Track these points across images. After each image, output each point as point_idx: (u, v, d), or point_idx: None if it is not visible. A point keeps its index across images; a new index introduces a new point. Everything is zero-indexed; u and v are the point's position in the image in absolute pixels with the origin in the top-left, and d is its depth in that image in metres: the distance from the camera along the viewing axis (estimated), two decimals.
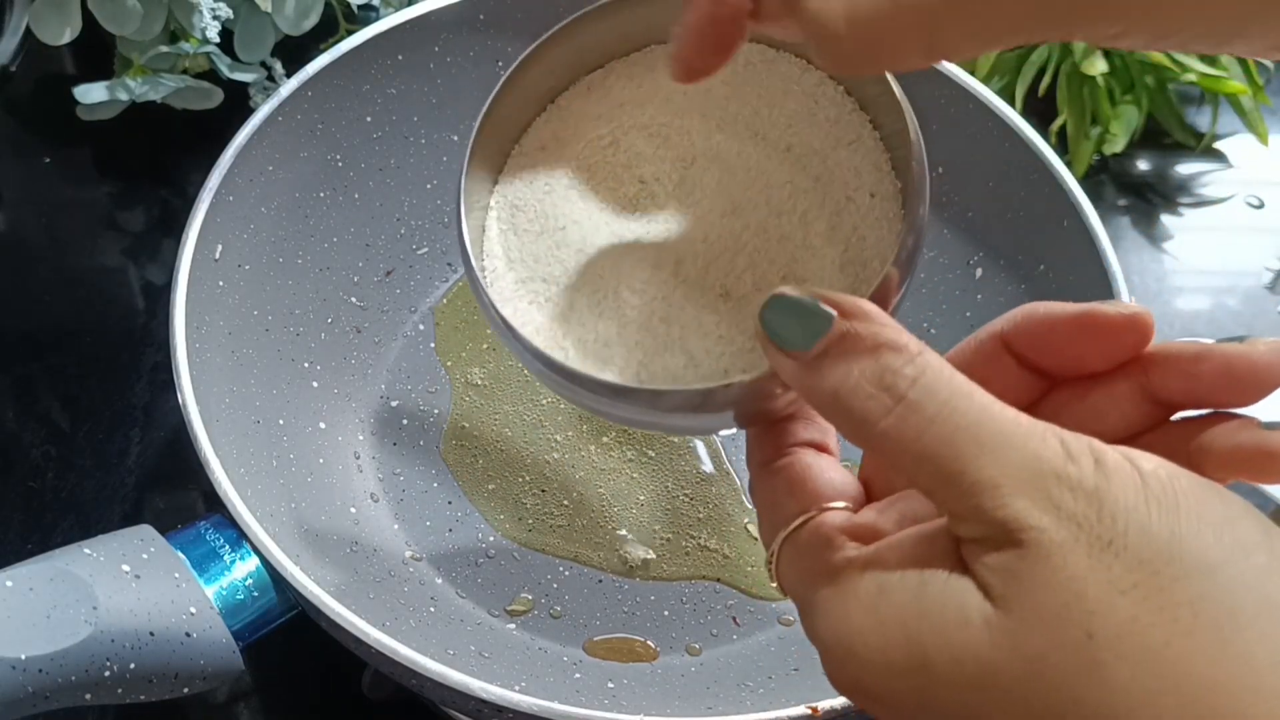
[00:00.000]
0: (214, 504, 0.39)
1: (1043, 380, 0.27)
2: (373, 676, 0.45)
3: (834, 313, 0.23)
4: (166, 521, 0.39)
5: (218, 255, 0.44)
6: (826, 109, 0.30)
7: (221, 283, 0.45)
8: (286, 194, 0.48)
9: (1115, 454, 0.21)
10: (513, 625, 0.45)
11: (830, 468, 0.27)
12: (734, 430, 0.29)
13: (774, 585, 0.26)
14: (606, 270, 0.29)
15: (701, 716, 0.41)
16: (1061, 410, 0.25)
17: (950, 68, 0.50)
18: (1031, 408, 0.22)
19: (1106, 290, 0.44)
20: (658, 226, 0.30)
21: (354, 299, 0.52)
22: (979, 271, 0.50)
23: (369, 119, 0.51)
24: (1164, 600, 0.20)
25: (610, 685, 0.44)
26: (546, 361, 0.28)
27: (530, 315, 0.29)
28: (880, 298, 0.26)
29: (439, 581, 0.47)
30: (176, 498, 0.51)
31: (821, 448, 0.27)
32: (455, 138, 0.54)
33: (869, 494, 0.27)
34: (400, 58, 0.51)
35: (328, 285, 0.51)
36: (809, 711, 0.34)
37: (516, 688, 0.35)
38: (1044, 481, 0.21)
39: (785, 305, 0.24)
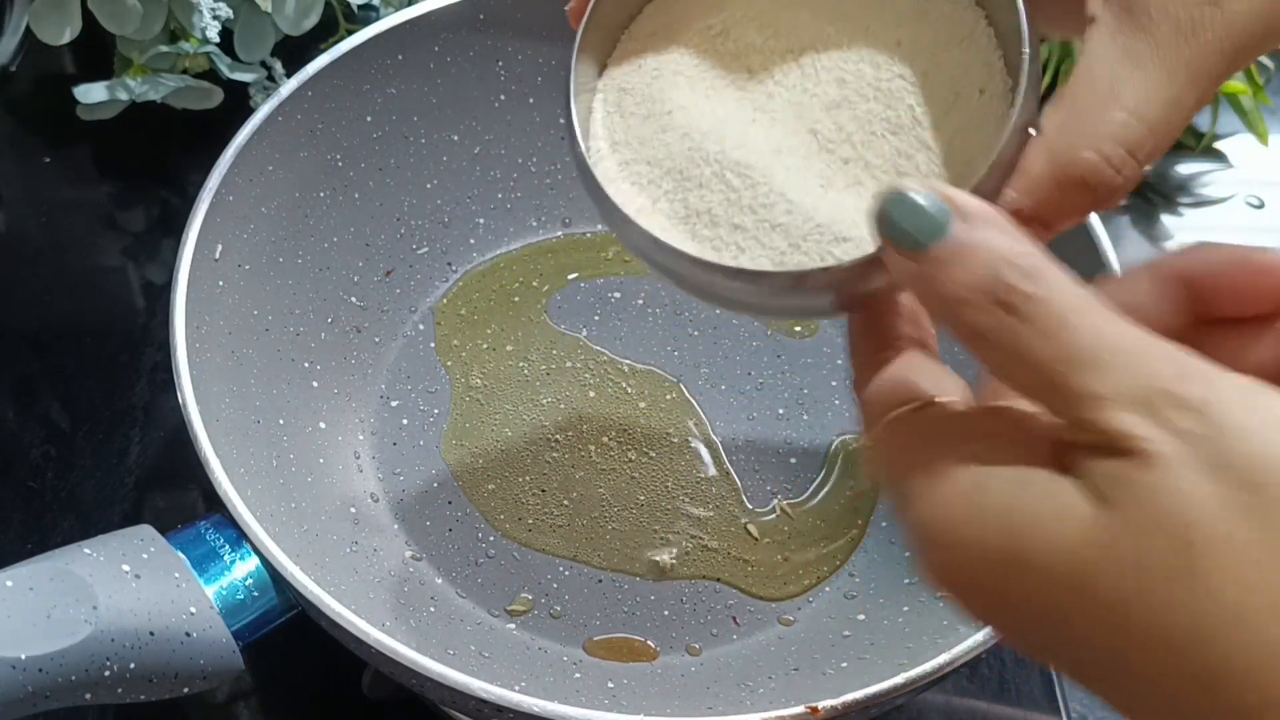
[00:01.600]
0: (214, 504, 0.39)
1: (1189, 318, 0.27)
2: (373, 676, 0.44)
3: (951, 213, 0.23)
4: (167, 521, 0.39)
5: (218, 255, 0.44)
6: (940, 5, 0.30)
7: (221, 283, 0.45)
8: (286, 194, 0.48)
9: (1229, 377, 0.21)
10: (513, 625, 0.45)
11: (937, 366, 0.27)
12: (835, 316, 0.29)
13: (865, 475, 0.27)
14: (711, 155, 0.30)
15: (701, 717, 0.41)
16: (1199, 349, 0.26)
17: None
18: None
19: None
20: (764, 115, 0.30)
21: (354, 299, 0.52)
22: None
23: (369, 119, 0.51)
24: (1267, 520, 0.20)
25: (610, 685, 0.44)
26: (650, 240, 0.29)
27: (633, 196, 0.30)
28: (984, 195, 0.26)
29: (439, 581, 0.47)
30: (176, 497, 0.51)
31: (924, 345, 0.28)
32: (455, 137, 0.54)
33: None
34: (400, 57, 0.51)
35: (327, 285, 0.51)
36: (809, 711, 0.34)
37: (516, 688, 0.35)
38: (1155, 397, 0.21)
39: (902, 202, 0.24)
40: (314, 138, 0.49)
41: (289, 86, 0.47)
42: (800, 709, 0.34)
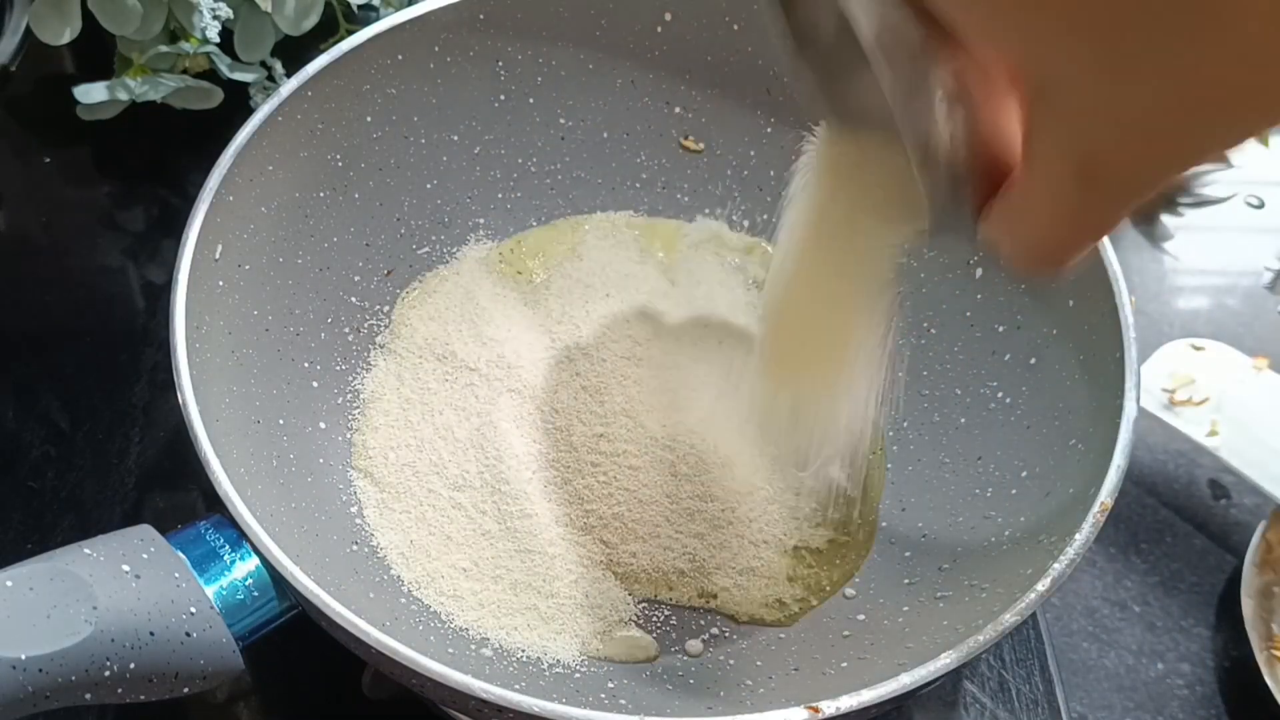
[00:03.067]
0: (214, 504, 0.39)
1: None
2: (373, 676, 0.44)
3: None
4: (167, 521, 0.39)
5: (218, 255, 0.44)
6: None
7: (221, 282, 0.45)
8: (286, 194, 0.48)
9: None
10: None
11: None
12: None
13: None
14: None
15: (701, 717, 0.41)
16: None
17: None
18: None
19: (1107, 290, 0.44)
20: None
21: (354, 299, 0.52)
22: (979, 272, 0.50)
23: (369, 119, 0.51)
24: None
25: (610, 685, 0.44)
26: None
27: None
28: None
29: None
30: (176, 497, 0.51)
31: None
32: (455, 137, 0.54)
33: None
34: (400, 58, 0.51)
35: (328, 285, 0.51)
36: (810, 712, 0.34)
37: (516, 687, 0.35)
38: None
39: None
40: (314, 138, 0.49)
41: (289, 87, 0.47)
42: (800, 710, 0.34)
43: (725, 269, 0.56)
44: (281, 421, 0.46)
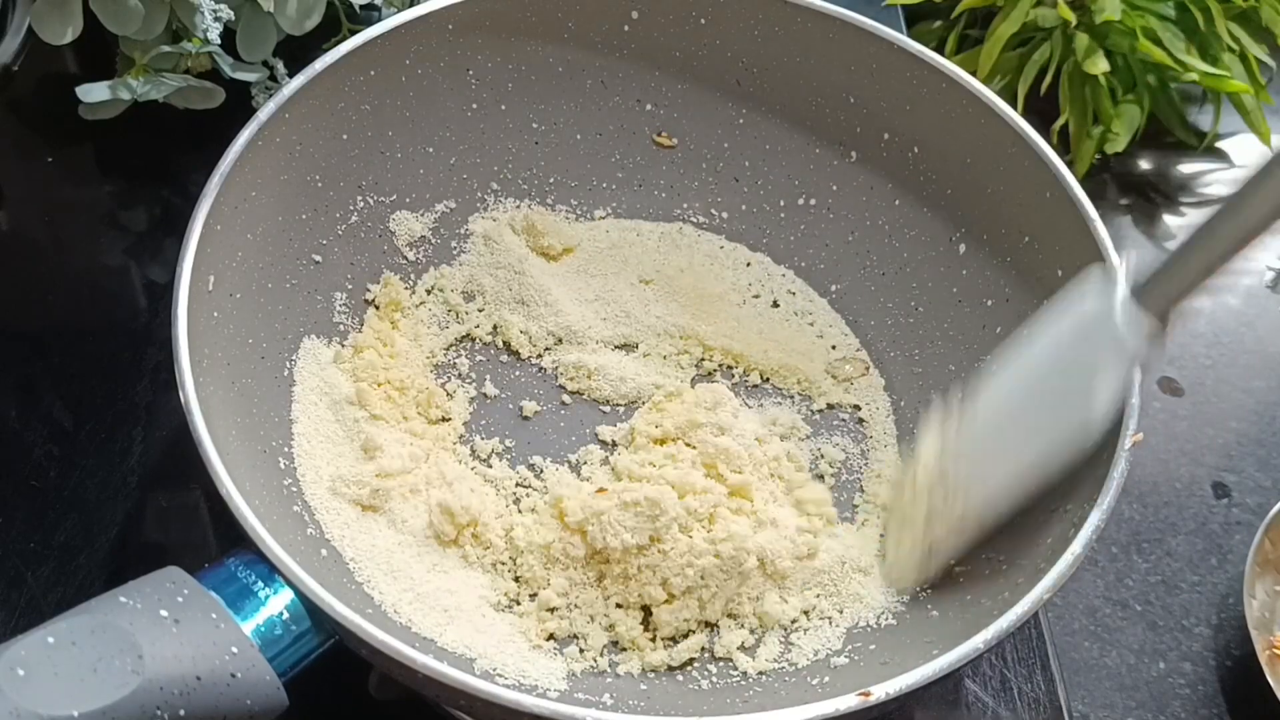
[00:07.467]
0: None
1: None
2: (380, 678, 0.44)
3: None
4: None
5: (210, 287, 0.43)
6: None
7: (216, 314, 0.44)
8: (270, 218, 0.48)
9: None
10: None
11: None
12: None
13: None
14: None
15: (712, 718, 0.41)
16: None
17: (952, 67, 0.50)
18: None
19: (1095, 255, 0.44)
20: None
21: (342, 320, 0.51)
22: (962, 248, 0.51)
23: (345, 136, 0.50)
24: None
25: (643, 687, 0.43)
26: None
27: None
28: None
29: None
30: (179, 496, 0.51)
31: None
32: (430, 150, 0.54)
33: None
34: (372, 73, 0.50)
35: (315, 308, 0.50)
36: (861, 698, 0.34)
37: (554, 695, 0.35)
38: None
39: None
40: (293, 160, 0.48)
41: (266, 110, 0.46)
42: (852, 696, 0.34)
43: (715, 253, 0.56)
44: (287, 449, 0.46)
